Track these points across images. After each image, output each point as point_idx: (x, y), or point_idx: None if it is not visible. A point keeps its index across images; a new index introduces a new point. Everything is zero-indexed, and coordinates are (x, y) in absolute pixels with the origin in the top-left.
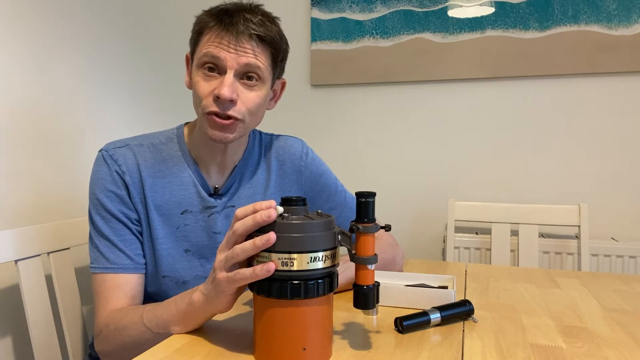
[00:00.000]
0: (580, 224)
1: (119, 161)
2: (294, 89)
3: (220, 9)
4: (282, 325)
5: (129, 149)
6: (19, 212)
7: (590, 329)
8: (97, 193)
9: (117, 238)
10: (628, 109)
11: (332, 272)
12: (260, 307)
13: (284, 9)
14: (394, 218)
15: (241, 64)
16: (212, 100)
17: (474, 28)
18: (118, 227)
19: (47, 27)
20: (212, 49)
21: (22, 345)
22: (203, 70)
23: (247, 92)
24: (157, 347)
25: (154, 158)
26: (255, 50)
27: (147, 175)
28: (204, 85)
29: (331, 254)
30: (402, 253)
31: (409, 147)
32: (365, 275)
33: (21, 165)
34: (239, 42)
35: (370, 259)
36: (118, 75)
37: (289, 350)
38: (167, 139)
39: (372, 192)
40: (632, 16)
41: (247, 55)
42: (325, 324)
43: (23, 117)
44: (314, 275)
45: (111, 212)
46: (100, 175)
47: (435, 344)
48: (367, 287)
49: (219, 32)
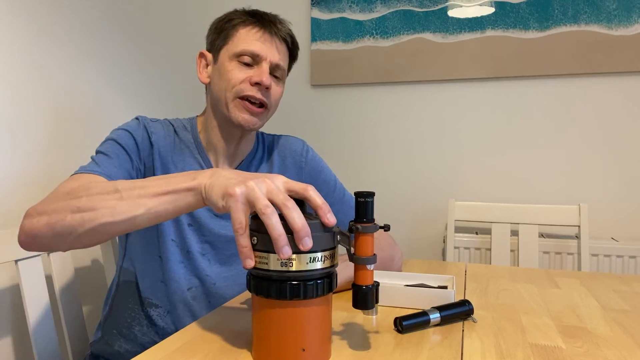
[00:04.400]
0: (580, 224)
1: (150, 125)
2: (294, 89)
3: (254, 11)
4: (281, 325)
5: (160, 124)
6: (19, 212)
7: (589, 329)
8: (115, 130)
9: (118, 160)
10: (628, 109)
11: (331, 272)
12: (258, 308)
13: (284, 9)
14: (394, 218)
15: (274, 61)
16: (248, 85)
17: (474, 28)
18: (121, 153)
19: (46, 25)
20: (253, 42)
21: (22, 345)
22: (238, 61)
23: (275, 85)
24: (157, 347)
25: (174, 140)
26: (284, 51)
27: (167, 151)
28: (238, 73)
29: (330, 254)
30: (401, 253)
31: (409, 147)
32: (364, 275)
33: (21, 165)
34: (274, 40)
35: (369, 259)
36: (119, 76)
37: (288, 351)
38: (183, 127)
39: (371, 192)
40: (632, 16)
41: (279, 54)
42: (325, 324)
43: (23, 117)
44: (313, 276)
45: (120, 143)
46: (128, 124)
47: (435, 344)
48: (366, 287)
49: (258, 29)
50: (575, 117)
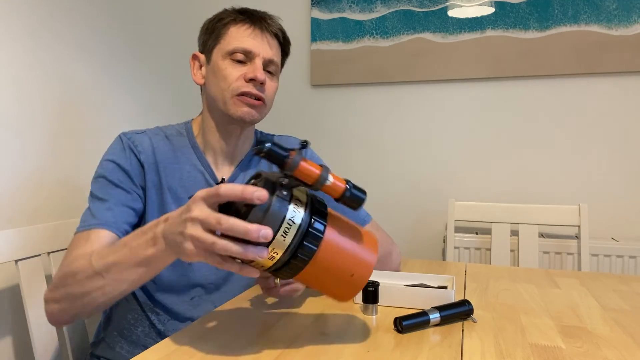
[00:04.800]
0: (580, 224)
1: (135, 142)
2: (294, 89)
3: (243, 9)
4: (319, 281)
5: (146, 135)
6: (19, 212)
7: (589, 329)
8: (103, 165)
9: (112, 200)
10: (628, 109)
11: (315, 210)
12: (303, 278)
13: (284, 9)
14: (394, 218)
15: (267, 57)
16: (243, 82)
17: (474, 28)
18: (114, 191)
19: (50, 25)
20: (244, 39)
21: (22, 345)
22: (231, 59)
23: (269, 80)
24: (157, 347)
25: (167, 147)
26: (275, 47)
27: (161, 159)
28: (233, 71)
29: (295, 201)
30: (399, 250)
31: (409, 146)
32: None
33: (21, 165)
34: (265, 36)
35: (322, 174)
36: (122, 76)
37: (342, 285)
38: (177, 132)
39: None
40: (632, 16)
41: (271, 50)
42: (346, 243)
43: (23, 117)
44: (302, 226)
45: (110, 180)
46: (112, 151)
47: (435, 344)
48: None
49: (249, 26)
50: (575, 117)
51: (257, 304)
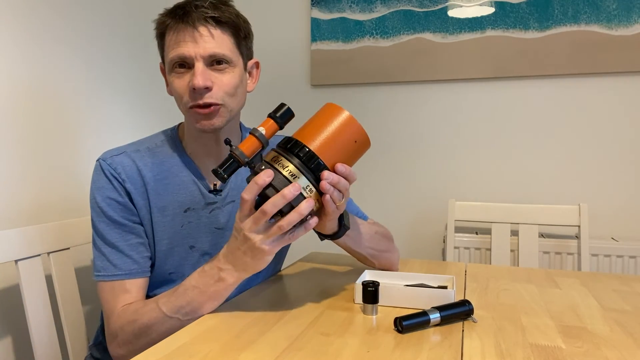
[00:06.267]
0: (580, 224)
1: (117, 169)
2: (294, 89)
3: (174, 6)
4: (334, 142)
5: (127, 156)
6: (19, 212)
7: (589, 329)
8: (99, 202)
9: (124, 243)
10: (628, 109)
11: (291, 151)
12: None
13: (284, 9)
14: (394, 218)
15: (205, 54)
16: (190, 94)
17: (474, 28)
18: (123, 232)
19: (46, 25)
20: (175, 48)
21: (22, 345)
22: (175, 70)
23: (221, 76)
24: (157, 347)
25: (152, 162)
26: (214, 34)
27: (149, 179)
28: (179, 82)
29: (283, 162)
30: (397, 251)
31: (409, 146)
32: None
33: (21, 165)
34: (196, 30)
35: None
36: (119, 74)
37: (350, 153)
38: (162, 142)
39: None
40: (632, 16)
41: (209, 42)
42: (327, 137)
43: (23, 117)
44: (303, 168)
45: (114, 219)
46: (100, 184)
47: (435, 344)
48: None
49: (176, 28)
50: (575, 117)
51: (257, 304)
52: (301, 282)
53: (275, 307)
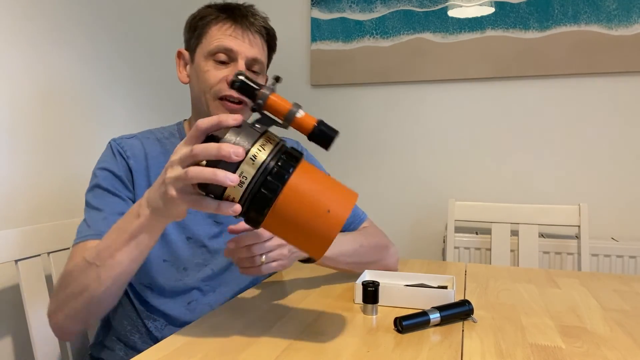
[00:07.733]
0: (580, 224)
1: (124, 147)
2: (294, 89)
3: (225, 4)
4: (296, 216)
5: (137, 139)
6: (19, 212)
7: (589, 329)
8: (96, 172)
9: (107, 208)
10: (628, 108)
11: (282, 149)
12: (270, 227)
13: (284, 9)
14: (394, 218)
15: (250, 56)
16: (225, 85)
17: (474, 28)
18: (110, 201)
19: (46, 25)
20: (225, 39)
21: (22, 345)
22: (213, 59)
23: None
24: (157, 347)
25: (159, 151)
26: (260, 43)
27: (152, 164)
28: (214, 72)
29: (262, 142)
30: (397, 250)
31: (409, 146)
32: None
33: (21, 165)
34: (250, 33)
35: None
36: (119, 74)
37: (319, 222)
38: (169, 134)
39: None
40: (632, 16)
41: (255, 47)
42: (320, 182)
43: (23, 117)
44: (269, 167)
45: (104, 187)
46: (103, 158)
47: (435, 344)
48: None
49: (230, 24)
50: (575, 117)
51: (256, 303)
52: (301, 282)
53: (275, 307)
